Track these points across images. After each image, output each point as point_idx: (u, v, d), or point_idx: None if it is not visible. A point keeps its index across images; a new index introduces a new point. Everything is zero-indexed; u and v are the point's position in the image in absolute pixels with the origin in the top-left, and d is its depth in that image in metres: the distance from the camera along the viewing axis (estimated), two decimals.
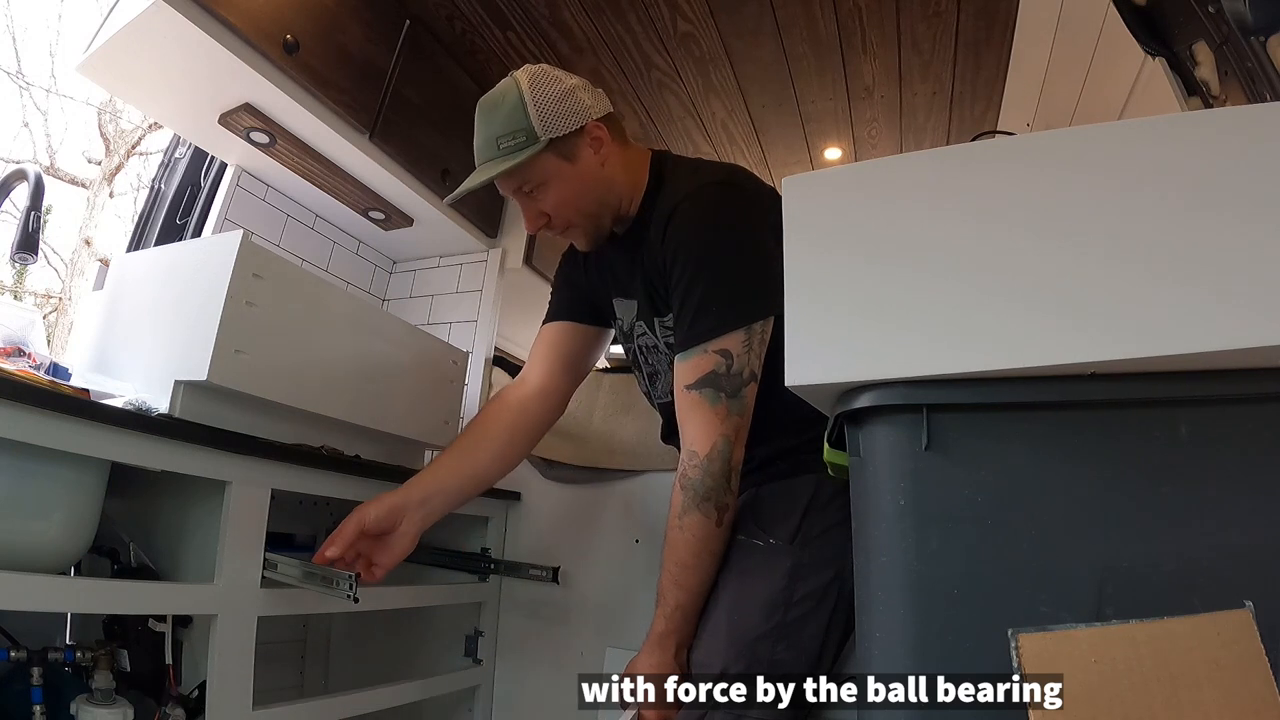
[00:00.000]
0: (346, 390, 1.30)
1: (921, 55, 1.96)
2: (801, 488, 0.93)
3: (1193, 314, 0.48)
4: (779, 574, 0.90)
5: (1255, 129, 0.51)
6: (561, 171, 1.00)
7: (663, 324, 1.04)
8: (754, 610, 0.89)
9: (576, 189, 1.02)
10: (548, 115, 0.98)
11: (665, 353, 1.05)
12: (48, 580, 0.84)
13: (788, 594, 0.89)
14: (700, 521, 0.89)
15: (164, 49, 1.36)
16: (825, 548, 0.90)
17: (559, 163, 1.00)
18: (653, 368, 1.10)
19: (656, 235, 0.99)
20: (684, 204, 0.97)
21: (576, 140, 1.00)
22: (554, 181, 1.01)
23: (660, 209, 1.00)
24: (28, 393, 0.78)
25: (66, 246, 4.38)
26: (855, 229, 0.61)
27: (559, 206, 1.02)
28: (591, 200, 1.03)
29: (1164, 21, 1.08)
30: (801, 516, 0.92)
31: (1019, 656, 0.45)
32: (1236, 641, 0.44)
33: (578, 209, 1.03)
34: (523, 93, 0.99)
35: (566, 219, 1.04)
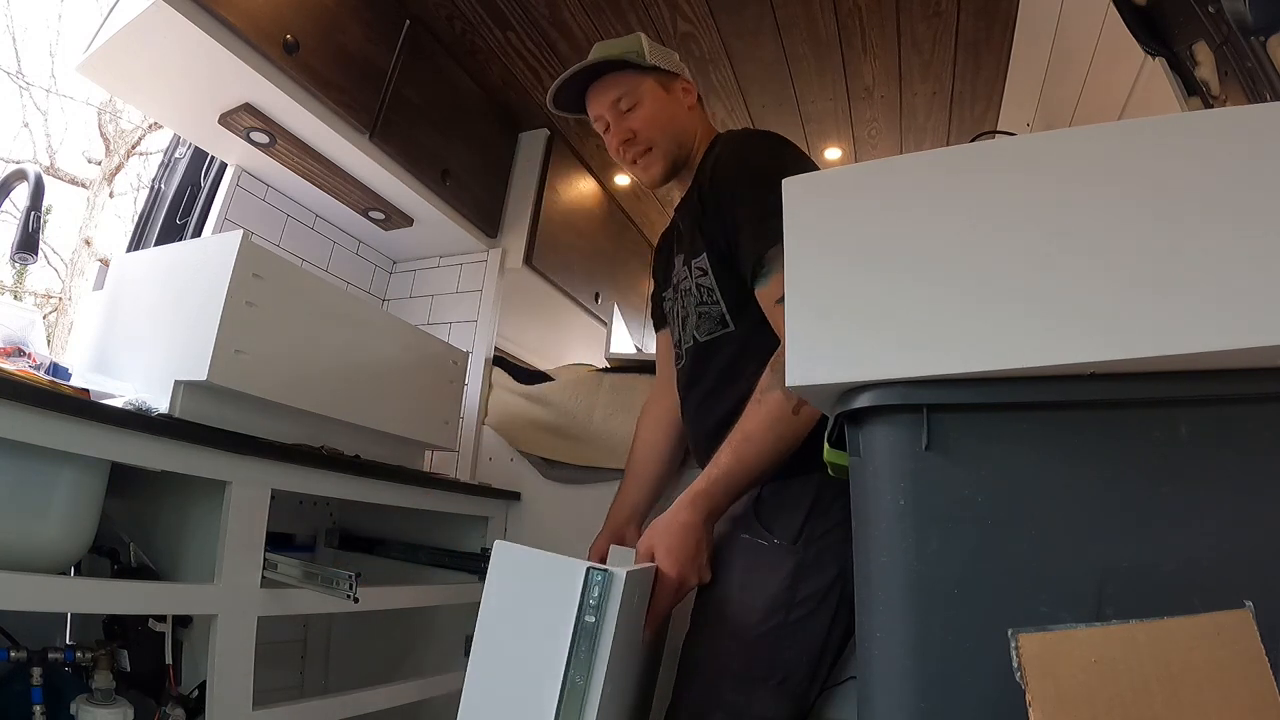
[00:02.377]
0: (346, 390, 1.30)
1: (921, 55, 1.96)
2: (805, 488, 0.93)
3: (1193, 314, 0.48)
4: (782, 574, 0.90)
5: (1255, 129, 0.51)
6: (657, 95, 1.15)
7: (696, 265, 1.09)
8: (756, 610, 0.89)
9: (666, 114, 1.15)
10: (657, 53, 1.16)
11: (695, 295, 1.10)
12: (48, 580, 0.84)
13: (790, 594, 0.88)
14: (780, 400, 0.88)
15: (164, 49, 1.36)
16: (828, 548, 0.90)
17: (656, 87, 1.15)
18: (686, 311, 1.14)
19: (704, 171, 1.08)
20: (725, 136, 1.12)
21: (673, 80, 1.17)
22: (649, 100, 1.14)
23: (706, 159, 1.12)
24: (28, 393, 0.78)
25: (66, 246, 4.38)
26: (855, 229, 0.61)
27: (647, 124, 1.14)
28: (675, 129, 1.16)
29: (1164, 21, 1.08)
30: (805, 517, 0.92)
31: (1019, 656, 0.45)
32: (1236, 641, 0.44)
33: (663, 131, 1.14)
34: (639, 36, 1.18)
35: (650, 138, 1.14)
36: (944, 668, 0.52)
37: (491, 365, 2.03)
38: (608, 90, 1.14)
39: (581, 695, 0.65)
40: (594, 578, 0.66)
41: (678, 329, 1.18)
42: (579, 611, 0.66)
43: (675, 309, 1.19)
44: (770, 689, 0.86)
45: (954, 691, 0.51)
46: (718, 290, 1.05)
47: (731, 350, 1.05)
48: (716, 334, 1.07)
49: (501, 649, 0.70)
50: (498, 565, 0.71)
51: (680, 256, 1.16)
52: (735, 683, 0.87)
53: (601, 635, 0.65)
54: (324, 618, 1.65)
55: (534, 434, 1.91)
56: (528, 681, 0.67)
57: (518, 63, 2.04)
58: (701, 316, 1.09)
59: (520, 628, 0.69)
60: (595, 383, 1.85)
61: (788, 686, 0.87)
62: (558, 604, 0.67)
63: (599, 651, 0.65)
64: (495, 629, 0.71)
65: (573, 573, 0.67)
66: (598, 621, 0.65)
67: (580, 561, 0.68)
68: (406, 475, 1.35)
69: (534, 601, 0.69)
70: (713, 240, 1.05)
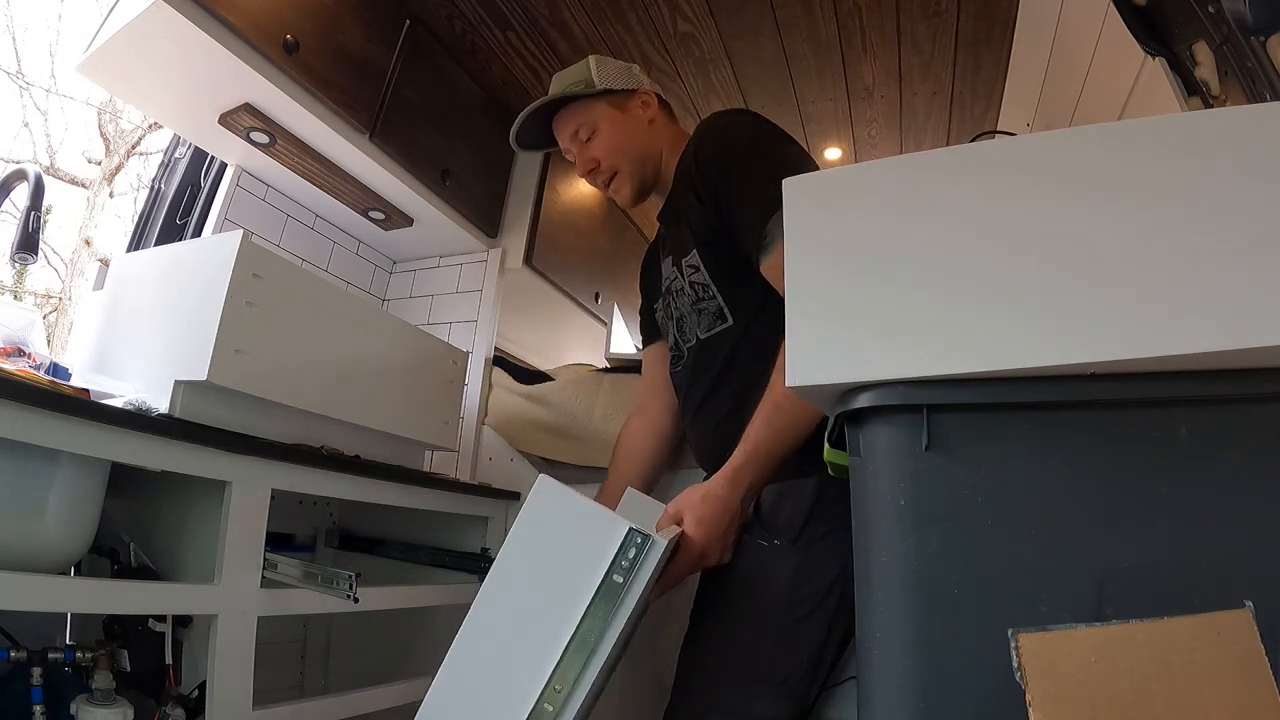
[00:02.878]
0: (346, 390, 1.30)
1: (921, 55, 1.96)
2: (807, 489, 0.93)
3: (1192, 314, 0.48)
4: (782, 575, 0.90)
5: (1255, 129, 0.51)
6: (612, 118, 1.15)
7: (687, 263, 1.09)
8: (757, 610, 0.89)
9: (623, 135, 1.15)
10: (606, 75, 1.16)
11: (689, 294, 1.09)
12: (48, 580, 0.84)
13: (791, 594, 0.88)
14: None
15: (164, 49, 1.36)
16: (830, 549, 0.89)
17: (611, 111, 1.15)
18: (680, 312, 1.14)
19: (686, 164, 1.07)
20: (701, 126, 1.09)
21: (628, 98, 1.17)
22: (604, 125, 1.15)
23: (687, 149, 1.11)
24: (28, 393, 0.78)
25: (66, 246, 4.38)
26: (855, 229, 0.61)
27: (607, 151, 1.15)
28: (636, 148, 1.16)
29: (1164, 21, 1.08)
30: (806, 518, 0.91)
31: (1019, 656, 0.45)
32: (1236, 641, 0.44)
33: (624, 154, 1.15)
34: (589, 61, 1.18)
35: (614, 164, 1.16)
36: (944, 668, 0.52)
37: (491, 365, 2.03)
38: (565, 124, 1.18)
39: (589, 649, 0.64)
40: (633, 539, 0.64)
41: (673, 333, 1.17)
42: (609, 569, 0.64)
43: (669, 314, 1.18)
44: (770, 689, 0.86)
45: (954, 691, 0.51)
46: (713, 285, 1.05)
47: (730, 345, 1.04)
48: (717, 329, 1.06)
49: (520, 582, 0.68)
50: (538, 498, 0.69)
51: (668, 260, 1.16)
52: (735, 683, 0.87)
53: (625, 598, 0.64)
54: (324, 618, 1.65)
55: (534, 434, 1.91)
56: (538, 621, 0.65)
57: (518, 63, 2.04)
58: (701, 314, 1.08)
59: (545, 567, 0.67)
60: (595, 383, 1.85)
61: (788, 687, 0.86)
62: (589, 555, 0.64)
63: (619, 612, 0.64)
64: (518, 560, 0.69)
65: (613, 529, 0.65)
66: (625, 584, 0.64)
67: (623, 520, 0.66)
68: (406, 475, 1.35)
69: (565, 546, 0.67)
70: (702, 234, 1.04)
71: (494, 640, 0.68)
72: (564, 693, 0.63)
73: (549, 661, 0.64)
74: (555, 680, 0.63)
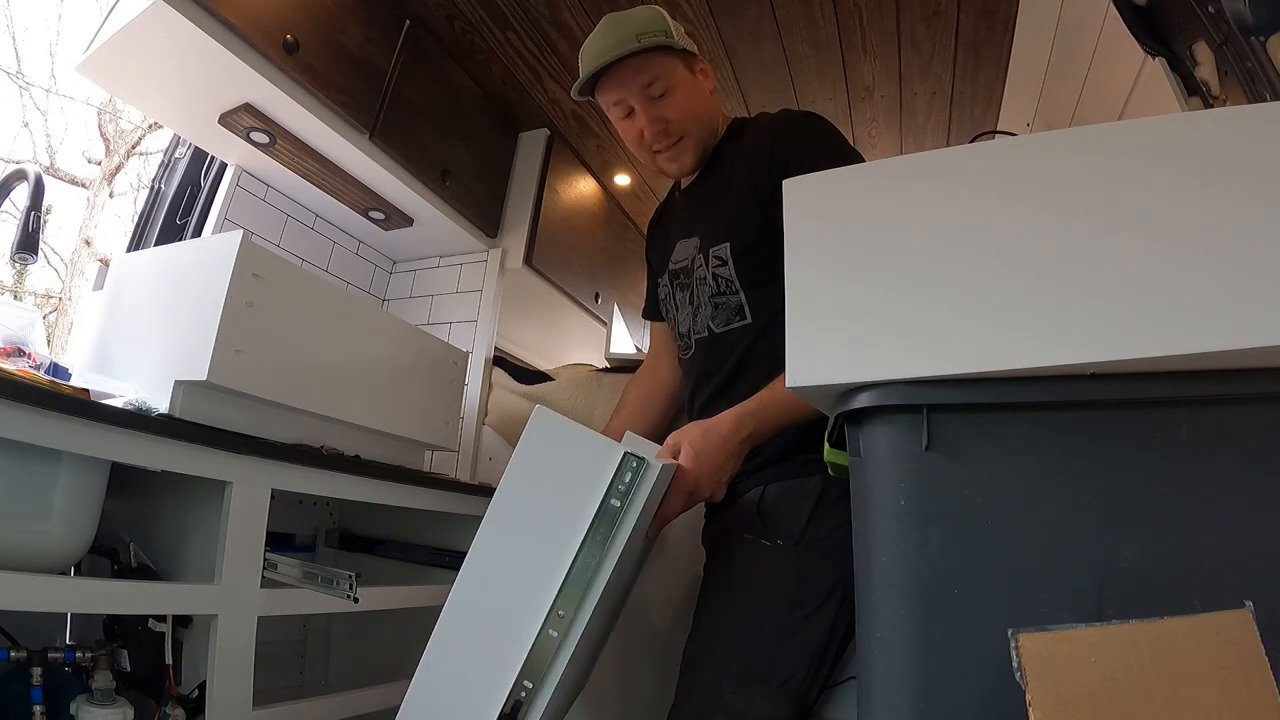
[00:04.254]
0: (346, 390, 1.30)
1: (921, 55, 1.96)
2: (809, 488, 0.93)
3: (1192, 314, 0.48)
4: (784, 575, 0.89)
5: (1255, 129, 0.51)
6: (686, 80, 1.08)
7: (715, 254, 1.04)
8: (757, 610, 0.89)
9: (699, 100, 1.09)
10: (680, 34, 1.08)
11: (711, 285, 1.05)
12: (48, 580, 0.84)
13: (792, 595, 0.88)
14: None
15: (164, 49, 1.36)
16: (831, 549, 0.89)
17: (685, 71, 1.08)
18: (698, 301, 1.09)
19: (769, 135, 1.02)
20: (801, 114, 1.06)
21: (695, 63, 1.11)
22: (681, 87, 1.07)
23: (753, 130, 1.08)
24: (28, 393, 0.78)
25: (66, 246, 4.38)
26: (855, 230, 0.61)
27: (681, 113, 1.07)
28: (706, 116, 1.10)
29: (1164, 21, 1.08)
30: (809, 518, 0.91)
31: (1019, 656, 0.45)
32: (1236, 641, 0.44)
33: (696, 119, 1.08)
34: (660, 12, 1.08)
35: (684, 127, 1.08)
36: (944, 668, 0.52)
37: (491, 365, 2.03)
38: (635, 74, 1.04)
39: (589, 574, 0.64)
40: (629, 463, 0.65)
41: (686, 318, 1.13)
42: (606, 493, 0.65)
43: (683, 297, 1.14)
44: (773, 689, 0.86)
45: (954, 691, 0.51)
46: (737, 281, 1.02)
47: (746, 343, 1.02)
48: (734, 325, 1.04)
49: (520, 512, 0.69)
50: (534, 428, 0.70)
51: (690, 241, 1.11)
52: (737, 683, 0.87)
53: (623, 521, 0.64)
54: (324, 618, 1.65)
55: None
56: (539, 547, 0.66)
57: (518, 63, 2.04)
58: (718, 307, 1.05)
59: (543, 495, 0.68)
60: (595, 383, 1.85)
61: (790, 687, 0.86)
62: (587, 480, 0.65)
63: (617, 536, 0.64)
64: (518, 491, 0.69)
65: (609, 453, 0.66)
66: (623, 507, 0.64)
67: (619, 445, 0.67)
68: (406, 475, 1.35)
69: (563, 473, 0.67)
70: (743, 223, 1.01)
71: (497, 570, 0.69)
72: (568, 618, 0.64)
73: (551, 587, 0.65)
74: (559, 605, 0.64)
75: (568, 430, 0.70)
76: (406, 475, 1.35)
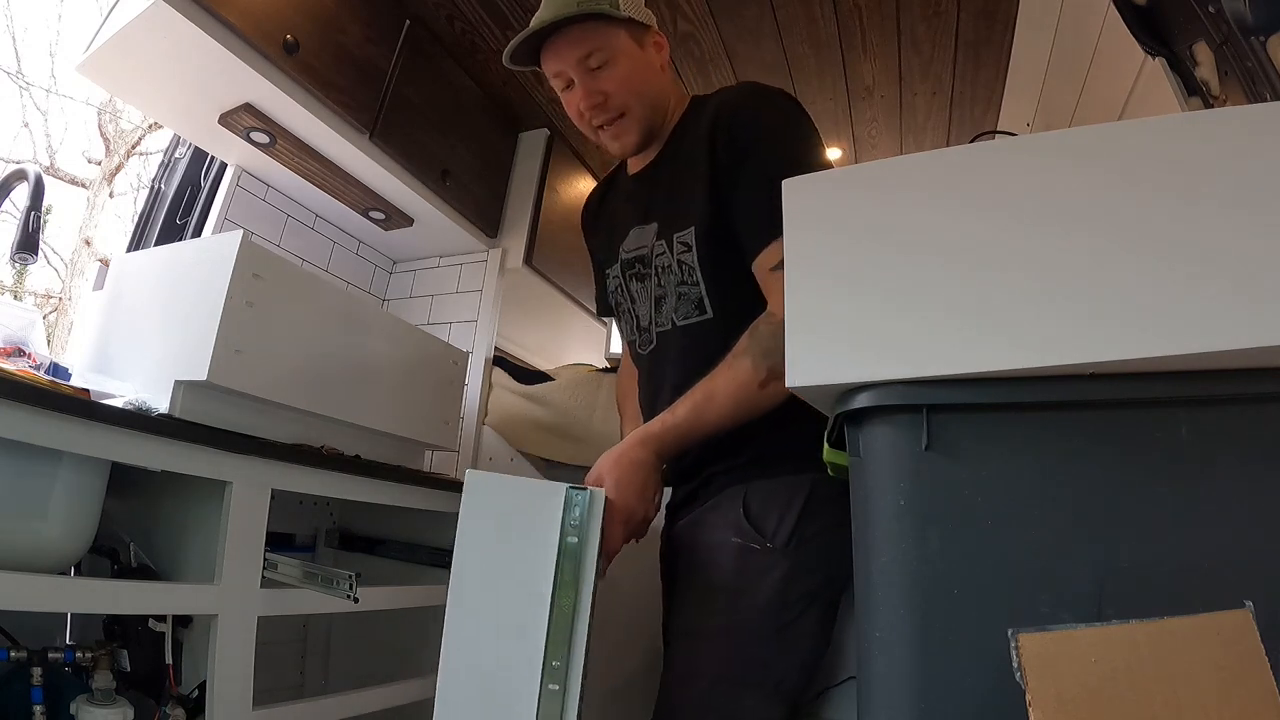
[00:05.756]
0: (347, 390, 1.30)
1: (921, 55, 1.96)
2: (796, 488, 0.90)
3: (1193, 314, 0.48)
4: (774, 577, 0.87)
5: (1255, 129, 0.51)
6: (631, 52, 1.00)
7: (679, 239, 0.98)
8: (749, 614, 0.87)
9: (642, 73, 1.01)
10: (630, 3, 0.99)
11: (676, 272, 0.99)
12: (48, 580, 0.84)
13: (782, 597, 0.86)
14: (748, 370, 0.84)
15: (164, 49, 1.36)
16: (821, 549, 0.87)
17: (630, 42, 1.00)
18: (662, 290, 1.02)
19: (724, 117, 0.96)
20: (757, 92, 0.98)
21: (646, 34, 1.02)
22: (623, 59, 0.99)
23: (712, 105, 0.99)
24: (28, 393, 0.78)
25: (66, 246, 4.38)
26: (855, 230, 0.61)
27: (622, 86, 0.99)
28: (651, 92, 1.02)
29: (1164, 21, 1.08)
30: (798, 518, 0.89)
31: (1019, 656, 0.45)
32: (1236, 641, 0.44)
33: (638, 94, 1.01)
34: None
35: (624, 102, 1.00)
36: (944, 668, 0.52)
37: (491, 365, 2.03)
38: (573, 45, 0.97)
39: (570, 617, 0.64)
40: (574, 497, 0.65)
41: (645, 310, 1.06)
42: (562, 533, 0.64)
43: (639, 287, 1.07)
44: (765, 693, 0.84)
45: (954, 691, 0.51)
46: (698, 271, 0.96)
47: (709, 342, 0.96)
48: (693, 319, 0.98)
49: (482, 581, 0.68)
50: (470, 493, 0.69)
51: (649, 228, 1.04)
52: (728, 688, 0.85)
53: (586, 555, 0.64)
54: (324, 618, 1.65)
55: (534, 434, 1.91)
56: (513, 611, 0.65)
57: None
58: (681, 298, 0.99)
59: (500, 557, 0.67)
60: (595, 383, 1.86)
61: (782, 690, 0.85)
62: (539, 528, 0.64)
63: (584, 572, 0.63)
64: (474, 561, 0.68)
65: (553, 494, 0.65)
66: (581, 542, 0.64)
67: (559, 483, 0.66)
68: (406, 475, 1.35)
69: (513, 528, 0.66)
70: (706, 206, 0.95)
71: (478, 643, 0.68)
72: (563, 667, 0.63)
73: (537, 642, 0.63)
74: (550, 657, 0.63)
75: (504, 485, 0.69)
76: (406, 475, 1.35)
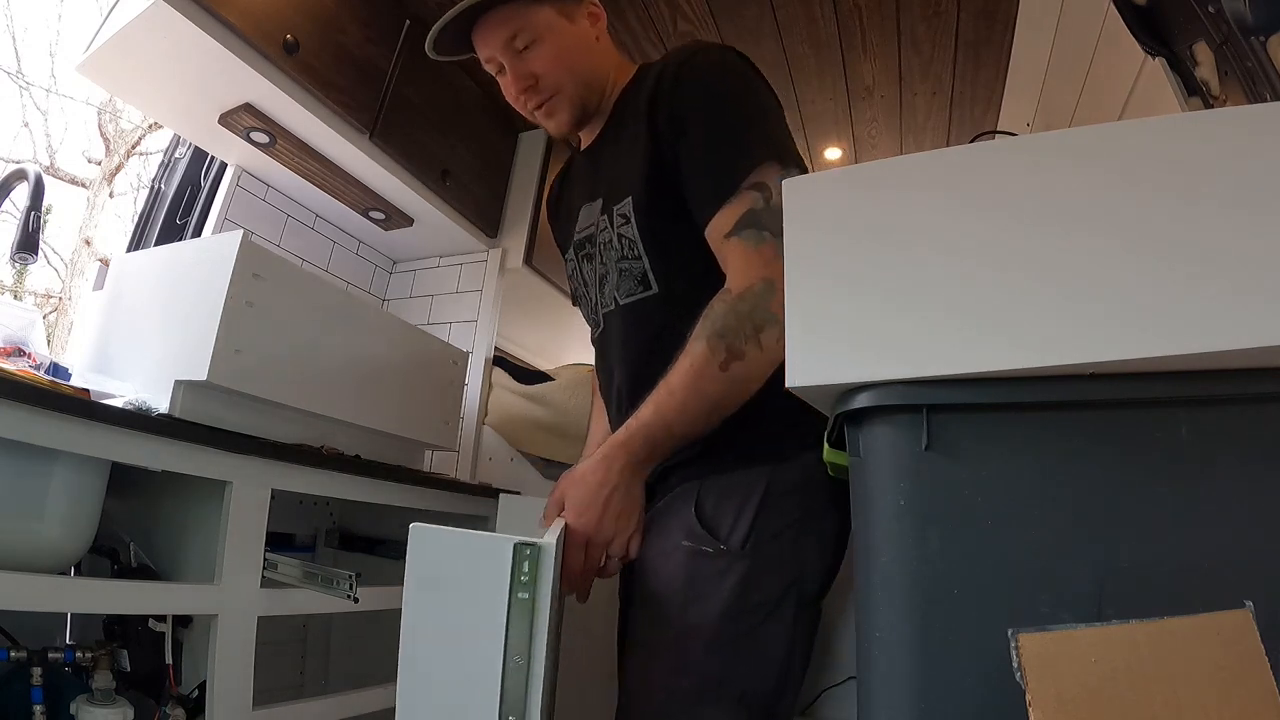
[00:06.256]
0: (346, 390, 1.30)
1: (921, 55, 1.96)
2: (752, 483, 0.83)
3: (1193, 314, 0.48)
4: (729, 583, 0.80)
5: (1255, 129, 0.51)
6: (559, 28, 0.95)
7: (619, 211, 0.93)
8: (705, 624, 0.80)
9: (572, 49, 0.96)
10: None
11: (616, 248, 0.94)
12: (48, 580, 0.84)
13: (740, 604, 0.80)
14: (704, 354, 0.77)
15: (164, 49, 1.36)
16: (780, 550, 0.81)
17: (558, 18, 0.95)
18: (605, 268, 0.97)
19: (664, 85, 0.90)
20: (698, 53, 0.91)
21: (576, 7, 0.97)
22: (550, 37, 0.94)
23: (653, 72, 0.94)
24: (28, 393, 0.78)
25: (66, 246, 4.38)
26: (855, 230, 0.61)
27: (552, 65, 0.95)
28: (583, 67, 0.97)
29: (1164, 21, 1.08)
30: (754, 516, 0.82)
31: (1019, 656, 0.45)
32: (1236, 641, 0.44)
33: (570, 71, 0.96)
34: None
35: (556, 82, 0.96)
36: (944, 668, 0.52)
37: (491, 365, 2.03)
38: (497, 28, 0.94)
39: (524, 676, 0.62)
40: (523, 553, 0.62)
41: (594, 291, 1.01)
42: (511, 589, 0.62)
43: (589, 269, 1.02)
44: (727, 706, 0.78)
45: (954, 691, 0.51)
46: (639, 244, 0.91)
47: (654, 319, 0.91)
48: (637, 296, 0.92)
49: (432, 640, 0.67)
50: (415, 549, 0.67)
51: (594, 205, 0.99)
52: (683, 702, 0.78)
53: (538, 611, 0.62)
54: (324, 618, 1.65)
55: (534, 434, 1.91)
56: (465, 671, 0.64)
57: None
58: (623, 274, 0.93)
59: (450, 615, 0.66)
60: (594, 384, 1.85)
61: (748, 701, 0.79)
62: (488, 584, 0.62)
63: (536, 629, 0.62)
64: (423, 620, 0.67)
65: (500, 550, 0.63)
66: (532, 598, 0.62)
67: (506, 537, 0.64)
68: (406, 475, 1.35)
69: (462, 585, 0.65)
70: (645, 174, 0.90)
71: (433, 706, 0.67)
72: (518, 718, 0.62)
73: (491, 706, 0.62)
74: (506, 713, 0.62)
75: (452, 540, 0.67)
76: (406, 475, 1.35)
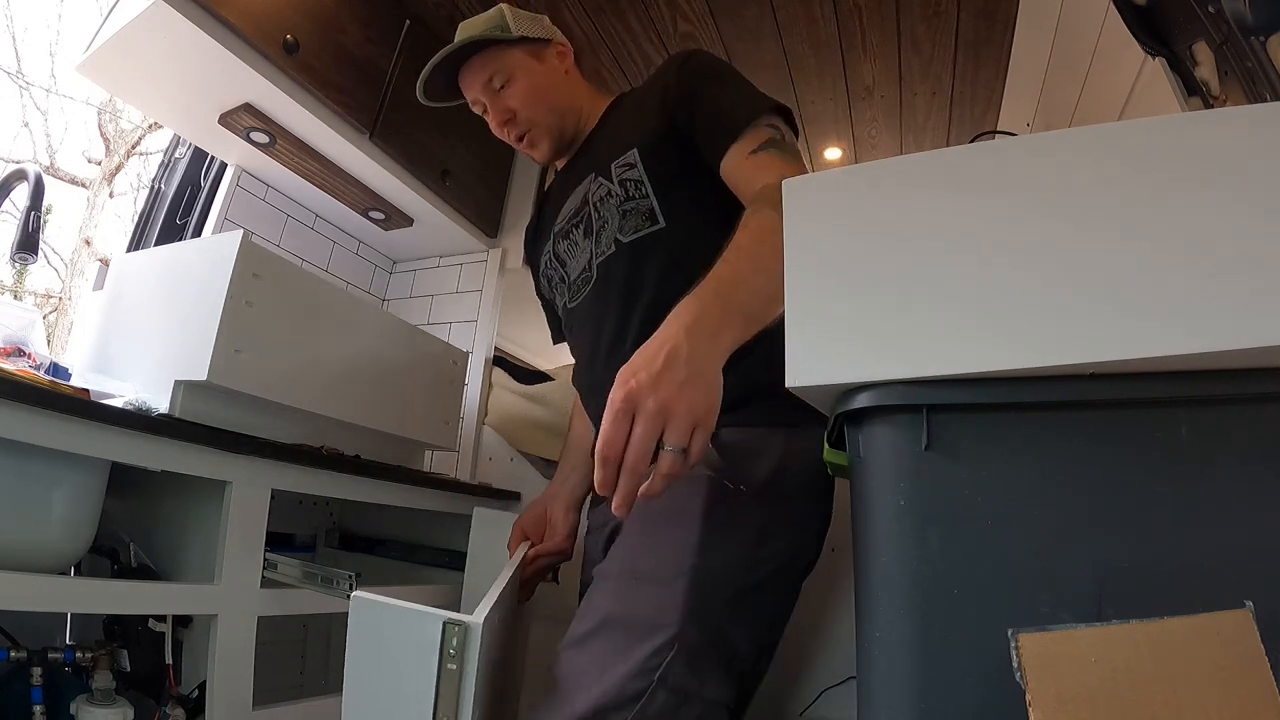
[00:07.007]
0: (346, 390, 1.30)
1: (921, 55, 1.96)
2: (770, 446, 0.82)
3: (1193, 314, 0.48)
4: (748, 530, 0.78)
5: (1255, 129, 0.51)
6: (530, 67, 1.08)
7: (620, 164, 0.97)
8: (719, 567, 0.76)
9: (543, 85, 1.09)
10: (521, 22, 1.09)
11: (618, 194, 0.96)
12: (48, 580, 0.84)
13: (748, 557, 0.77)
14: (772, 216, 0.70)
15: (164, 49, 1.36)
16: (790, 512, 0.81)
17: (528, 59, 1.08)
18: (601, 220, 0.98)
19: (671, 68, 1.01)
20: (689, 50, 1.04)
21: (545, 48, 1.11)
22: (522, 75, 1.07)
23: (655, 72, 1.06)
24: (28, 393, 0.78)
25: (66, 246, 4.39)
26: (855, 230, 0.61)
27: (526, 100, 1.07)
28: (557, 98, 1.10)
29: (1164, 21, 1.08)
30: (773, 471, 0.80)
31: (1019, 656, 0.45)
32: (1236, 641, 0.44)
33: (545, 104, 1.08)
34: (501, 8, 1.10)
35: (531, 116, 1.08)
36: (944, 668, 0.52)
37: (491, 365, 2.03)
38: (477, 72, 1.08)
39: None
40: (452, 630, 0.67)
41: (581, 259, 1.01)
42: (440, 661, 0.67)
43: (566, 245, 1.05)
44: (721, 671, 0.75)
45: (954, 691, 0.51)
46: (647, 183, 0.94)
47: (660, 254, 0.90)
48: (644, 231, 0.93)
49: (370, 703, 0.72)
50: (355, 620, 0.72)
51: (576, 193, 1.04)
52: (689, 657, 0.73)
53: (464, 681, 0.66)
54: (324, 618, 1.65)
55: (534, 434, 1.91)
56: None
57: None
58: (626, 214, 0.95)
59: (386, 680, 0.71)
60: None
61: (734, 668, 0.76)
62: (419, 655, 0.67)
63: (463, 698, 0.66)
64: (362, 683, 0.72)
65: (430, 625, 0.68)
66: (460, 670, 0.66)
67: (437, 613, 0.68)
68: (406, 475, 1.35)
69: (396, 653, 0.70)
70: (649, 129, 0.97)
71: None
72: None
73: None
74: None
75: (386, 613, 0.71)
76: (406, 475, 1.35)
